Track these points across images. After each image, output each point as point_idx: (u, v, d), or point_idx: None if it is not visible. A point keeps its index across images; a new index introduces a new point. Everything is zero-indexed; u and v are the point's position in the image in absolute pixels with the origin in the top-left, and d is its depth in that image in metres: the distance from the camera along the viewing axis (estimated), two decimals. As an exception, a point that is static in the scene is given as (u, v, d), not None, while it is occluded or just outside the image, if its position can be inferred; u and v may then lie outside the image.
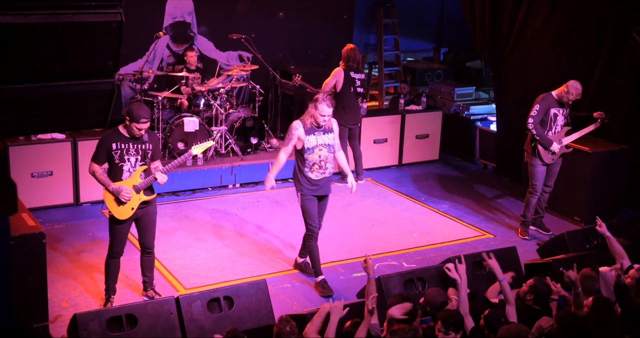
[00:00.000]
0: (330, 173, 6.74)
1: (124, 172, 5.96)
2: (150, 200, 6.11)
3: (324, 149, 6.61)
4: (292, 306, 6.46)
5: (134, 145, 5.95)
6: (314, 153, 6.57)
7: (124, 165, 5.95)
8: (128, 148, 5.94)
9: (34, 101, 2.49)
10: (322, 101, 6.52)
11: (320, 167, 6.62)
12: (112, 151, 5.90)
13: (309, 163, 6.58)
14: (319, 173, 6.63)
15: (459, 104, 11.39)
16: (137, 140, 5.94)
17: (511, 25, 9.73)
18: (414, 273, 5.94)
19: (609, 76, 8.90)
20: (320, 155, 6.59)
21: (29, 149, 8.13)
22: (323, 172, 6.64)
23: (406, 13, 14.17)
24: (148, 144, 5.98)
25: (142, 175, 6.01)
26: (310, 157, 6.57)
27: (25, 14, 2.36)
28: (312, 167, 6.60)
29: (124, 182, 5.93)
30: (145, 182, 5.99)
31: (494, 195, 9.71)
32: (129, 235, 6.27)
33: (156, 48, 10.16)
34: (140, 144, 5.96)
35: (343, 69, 9.29)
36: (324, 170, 6.65)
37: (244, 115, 9.78)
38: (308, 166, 6.59)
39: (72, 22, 2.45)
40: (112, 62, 2.58)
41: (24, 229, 5.54)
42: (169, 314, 5.13)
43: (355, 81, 9.37)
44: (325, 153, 6.62)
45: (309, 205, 6.67)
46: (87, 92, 2.57)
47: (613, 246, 5.84)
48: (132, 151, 5.96)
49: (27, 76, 2.43)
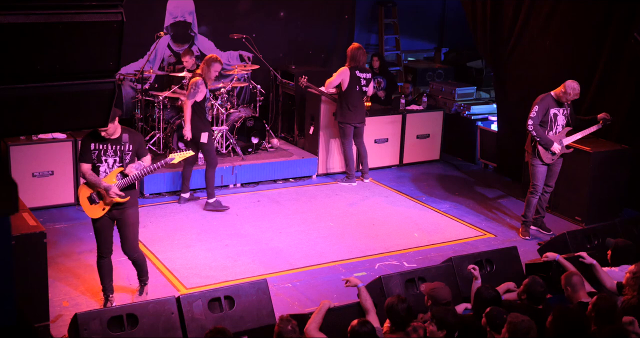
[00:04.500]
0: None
1: (100, 173, 5.91)
2: (126, 203, 5.98)
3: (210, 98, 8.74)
4: (292, 306, 6.46)
5: (112, 146, 5.89)
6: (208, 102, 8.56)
7: (101, 166, 5.90)
8: (106, 149, 5.88)
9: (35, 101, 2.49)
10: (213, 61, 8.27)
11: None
12: (90, 151, 5.86)
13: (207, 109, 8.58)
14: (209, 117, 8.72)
15: (459, 104, 11.39)
16: (116, 140, 5.88)
17: (512, 25, 9.73)
18: (414, 273, 5.93)
19: (610, 76, 8.89)
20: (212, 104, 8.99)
21: (29, 148, 8.14)
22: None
23: (407, 13, 14.18)
24: (128, 144, 5.90)
25: (118, 176, 5.93)
26: (207, 104, 8.51)
27: (27, 14, 2.36)
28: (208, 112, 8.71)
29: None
30: (120, 183, 5.91)
31: (495, 195, 9.71)
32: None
33: (157, 48, 10.16)
34: (118, 145, 5.89)
35: (349, 68, 9.30)
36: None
37: (244, 115, 9.78)
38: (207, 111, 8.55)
39: (73, 22, 2.45)
40: (113, 62, 2.58)
41: (25, 229, 5.54)
42: (169, 314, 5.13)
43: (361, 80, 9.38)
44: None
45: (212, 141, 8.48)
46: (88, 92, 2.57)
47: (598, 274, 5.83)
48: (110, 152, 5.90)
49: (28, 76, 2.43)
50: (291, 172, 9.80)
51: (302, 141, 10.37)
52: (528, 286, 5.19)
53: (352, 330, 4.54)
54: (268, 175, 9.62)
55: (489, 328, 4.64)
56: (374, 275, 6.58)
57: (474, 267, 5.76)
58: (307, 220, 8.45)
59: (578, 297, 5.27)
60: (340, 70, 9.33)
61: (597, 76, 8.97)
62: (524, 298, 5.20)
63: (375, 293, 5.51)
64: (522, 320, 4.43)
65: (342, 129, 9.53)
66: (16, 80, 2.42)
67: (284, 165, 9.74)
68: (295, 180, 9.78)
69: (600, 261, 6.01)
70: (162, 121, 9.42)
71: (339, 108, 9.49)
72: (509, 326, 4.43)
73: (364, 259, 7.54)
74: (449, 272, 6.00)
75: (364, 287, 5.31)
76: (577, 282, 5.35)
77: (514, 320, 4.43)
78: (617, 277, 5.74)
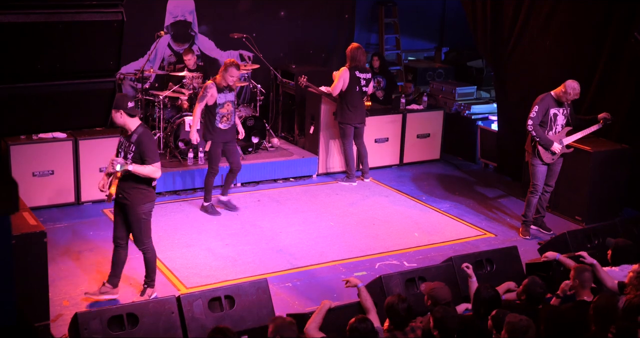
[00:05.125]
0: (233, 124, 8.27)
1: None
2: (129, 199, 6.05)
3: (231, 105, 8.17)
4: (293, 305, 6.46)
5: (124, 143, 6.09)
6: (223, 108, 8.06)
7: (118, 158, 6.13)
8: (121, 143, 6.13)
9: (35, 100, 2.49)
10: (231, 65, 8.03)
11: (228, 119, 8.15)
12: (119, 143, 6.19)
13: (219, 115, 8.06)
14: (226, 124, 8.15)
15: (460, 104, 11.39)
16: (127, 138, 6.05)
17: (512, 24, 9.72)
18: (415, 272, 5.94)
19: (610, 76, 8.89)
20: (228, 110, 8.12)
21: (30, 148, 8.13)
22: (229, 123, 8.19)
23: (407, 12, 14.18)
24: (132, 145, 5.99)
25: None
26: (221, 110, 8.06)
27: (27, 13, 2.36)
28: (222, 119, 8.09)
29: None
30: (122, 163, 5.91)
31: (495, 195, 9.71)
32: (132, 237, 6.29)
33: (157, 47, 10.16)
34: (127, 142, 6.05)
35: (348, 69, 9.30)
36: (230, 122, 8.20)
37: (245, 114, 9.78)
38: (219, 118, 8.07)
39: (74, 21, 2.45)
40: (113, 61, 2.58)
41: (25, 228, 5.54)
42: (170, 313, 5.13)
43: (361, 80, 9.37)
44: (231, 108, 8.18)
45: (217, 151, 8.21)
46: (88, 91, 2.57)
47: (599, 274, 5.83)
48: (123, 147, 6.10)
49: (29, 75, 2.43)
50: (291, 172, 9.80)
51: (303, 141, 10.37)
52: (527, 286, 5.19)
53: (351, 327, 4.55)
54: (268, 174, 9.62)
55: (495, 331, 4.63)
56: (374, 275, 6.58)
57: (467, 265, 5.75)
58: (307, 220, 8.45)
59: (582, 294, 5.30)
60: (341, 72, 9.32)
61: (597, 76, 8.97)
62: (524, 298, 5.21)
63: (375, 292, 5.52)
64: (520, 319, 4.43)
65: (342, 129, 9.53)
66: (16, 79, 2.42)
67: (284, 165, 9.74)
68: (295, 180, 9.78)
69: (601, 261, 6.01)
70: (163, 120, 9.41)
71: (339, 108, 9.49)
72: (507, 326, 4.43)
73: (364, 259, 7.54)
74: (449, 272, 6.01)
75: (364, 286, 5.31)
76: (587, 278, 5.37)
77: (512, 320, 4.43)
78: (617, 276, 5.74)
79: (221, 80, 8.04)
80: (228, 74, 7.98)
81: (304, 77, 9.61)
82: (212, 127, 8.12)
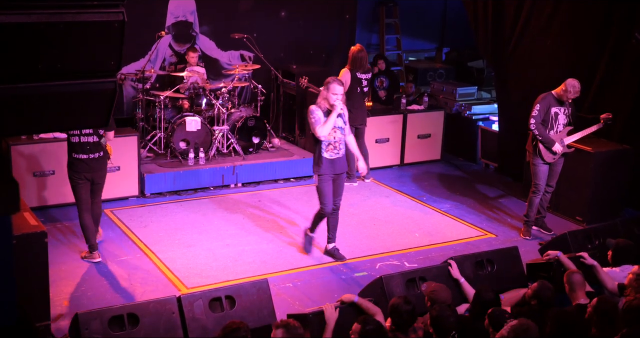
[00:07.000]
0: (343, 154, 7.17)
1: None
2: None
3: (338, 131, 7.03)
4: (293, 305, 6.46)
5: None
6: (329, 134, 6.99)
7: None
8: None
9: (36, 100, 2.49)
10: (333, 81, 6.98)
11: (335, 147, 7.05)
12: None
13: (324, 143, 6.98)
14: (332, 154, 7.05)
15: (461, 104, 11.39)
16: None
17: (513, 24, 9.72)
18: (415, 272, 5.92)
19: (612, 76, 8.89)
20: (335, 136, 7.02)
21: (31, 148, 8.14)
22: (337, 152, 7.06)
23: (408, 13, 14.17)
24: None
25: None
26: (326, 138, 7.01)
27: (28, 13, 2.35)
28: (327, 148, 7.02)
29: None
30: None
31: (496, 195, 9.70)
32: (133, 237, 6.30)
33: (158, 47, 10.17)
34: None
35: (349, 70, 9.30)
36: (338, 150, 7.08)
37: (245, 114, 9.78)
38: (324, 146, 7.01)
39: (74, 21, 2.45)
40: (114, 62, 2.58)
41: (26, 228, 5.55)
42: (170, 313, 5.13)
43: (362, 81, 9.38)
44: (339, 135, 7.05)
45: (325, 185, 7.12)
46: (89, 92, 2.57)
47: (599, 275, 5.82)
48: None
49: (29, 75, 2.43)
50: (292, 172, 9.80)
51: (303, 141, 10.37)
52: (537, 291, 5.12)
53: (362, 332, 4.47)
54: (269, 175, 9.62)
55: (492, 329, 4.63)
56: (374, 275, 6.58)
57: (450, 262, 5.81)
58: (307, 220, 8.43)
59: (576, 297, 5.25)
60: (341, 74, 9.32)
61: (598, 76, 8.97)
62: (534, 303, 5.15)
63: (376, 293, 5.51)
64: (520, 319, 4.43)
65: (343, 130, 9.50)
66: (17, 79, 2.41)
67: (285, 165, 9.74)
68: (296, 180, 9.77)
69: (601, 261, 6.01)
70: (163, 121, 9.42)
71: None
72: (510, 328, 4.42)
73: (365, 259, 7.54)
74: (450, 272, 5.99)
75: (360, 298, 5.25)
76: (577, 281, 5.32)
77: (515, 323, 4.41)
78: (618, 277, 5.73)
79: (322, 101, 7.01)
80: (330, 92, 6.91)
81: (304, 78, 9.61)
82: (318, 157, 7.09)
